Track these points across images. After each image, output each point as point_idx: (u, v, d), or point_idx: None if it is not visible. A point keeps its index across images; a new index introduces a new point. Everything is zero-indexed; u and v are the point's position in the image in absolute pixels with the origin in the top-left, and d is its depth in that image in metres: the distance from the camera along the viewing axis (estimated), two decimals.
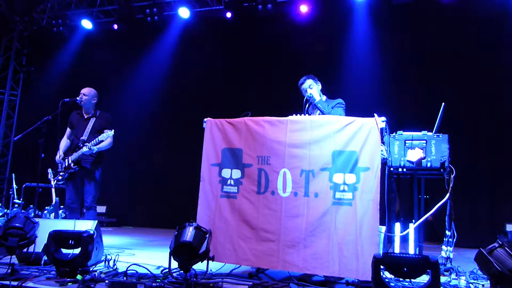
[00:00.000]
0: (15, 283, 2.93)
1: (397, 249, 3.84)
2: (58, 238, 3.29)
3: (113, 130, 4.54)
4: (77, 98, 4.81)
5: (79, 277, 3.04)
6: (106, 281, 2.98)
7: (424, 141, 3.70)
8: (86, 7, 8.98)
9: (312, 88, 4.08)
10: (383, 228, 3.54)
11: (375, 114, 3.25)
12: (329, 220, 3.23)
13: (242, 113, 3.68)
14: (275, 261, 3.29)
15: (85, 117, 4.86)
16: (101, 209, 8.04)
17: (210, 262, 2.97)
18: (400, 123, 3.96)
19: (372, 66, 7.02)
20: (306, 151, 3.37)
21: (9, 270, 3.12)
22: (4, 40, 9.86)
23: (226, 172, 3.61)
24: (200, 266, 3.01)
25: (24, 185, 6.88)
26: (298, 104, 4.02)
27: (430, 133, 3.74)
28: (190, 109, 7.92)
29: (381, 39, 7.17)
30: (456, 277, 3.42)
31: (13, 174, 7.17)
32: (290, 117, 3.54)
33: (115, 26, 8.77)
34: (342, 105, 4.03)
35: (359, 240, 3.13)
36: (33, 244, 3.36)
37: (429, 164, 3.66)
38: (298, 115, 3.63)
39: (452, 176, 3.67)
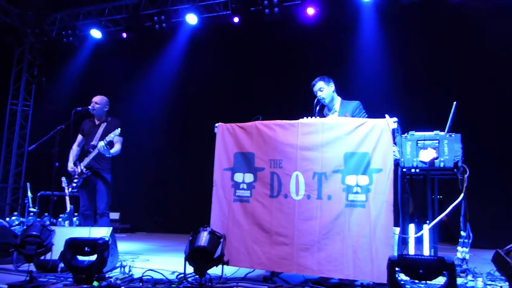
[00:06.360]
0: None
1: (411, 251, 3.80)
2: (74, 246, 3.32)
3: (119, 129, 4.52)
4: (89, 107, 4.87)
5: (95, 283, 3.07)
6: (122, 287, 3.01)
7: (437, 141, 3.66)
8: (95, 17, 9.11)
9: (323, 90, 4.04)
10: (397, 230, 3.51)
11: (387, 115, 3.24)
12: (342, 222, 3.22)
13: (252, 117, 3.70)
14: (289, 264, 3.29)
15: (97, 123, 4.93)
16: (115, 215, 8.08)
17: (225, 266, 2.97)
18: (412, 123, 3.92)
19: (382, 66, 6.97)
20: (318, 154, 3.36)
21: (28, 278, 3.16)
22: (17, 52, 10.04)
23: (238, 176, 3.62)
24: (214, 271, 3.02)
25: (38, 194, 6.97)
26: (308, 107, 4.02)
27: (442, 133, 3.70)
28: (201, 115, 7.95)
29: (391, 39, 7.12)
30: (473, 279, 3.39)
31: (28, 183, 7.26)
32: (301, 120, 3.54)
33: (124, 35, 8.86)
34: (363, 111, 3.99)
35: (373, 242, 3.11)
36: (50, 252, 3.41)
37: (442, 164, 3.62)
38: (309, 117, 3.63)
39: (465, 176, 3.63)
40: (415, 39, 6.99)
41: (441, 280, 2.79)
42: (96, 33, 9.03)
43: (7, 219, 7.03)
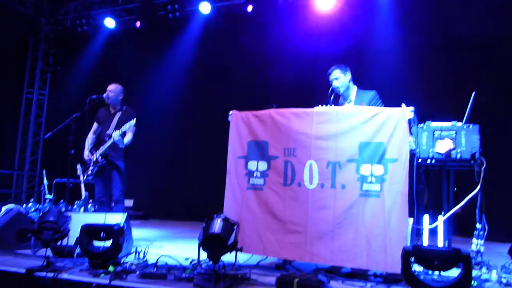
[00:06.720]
0: (51, 274, 3.04)
1: (425, 242, 3.77)
2: (90, 231, 3.38)
3: (134, 119, 4.54)
4: (104, 95, 4.90)
5: (111, 268, 3.11)
6: (137, 272, 3.05)
7: (454, 132, 3.60)
8: (109, 6, 9.12)
9: (339, 79, 3.98)
10: (411, 220, 3.48)
11: (403, 104, 3.20)
12: (356, 212, 3.21)
13: (267, 105, 3.68)
14: (302, 252, 3.30)
15: (112, 112, 4.96)
16: (129, 203, 8.16)
17: (237, 254, 2.99)
18: (429, 113, 3.86)
19: (399, 54, 6.82)
20: (333, 143, 3.35)
21: (45, 262, 3.23)
22: (32, 41, 10.14)
23: (252, 165, 3.63)
24: (228, 258, 3.04)
25: (54, 181, 7.09)
26: (323, 95, 3.98)
27: (459, 124, 3.64)
28: (214, 103, 7.93)
29: (407, 25, 6.97)
30: (487, 271, 3.35)
31: (44, 171, 7.38)
32: (316, 109, 3.51)
33: (138, 24, 8.89)
34: (380, 100, 3.93)
35: (387, 232, 3.10)
36: (66, 237, 3.47)
37: (459, 156, 3.55)
38: (324, 106, 3.60)
39: (482, 168, 3.57)
40: (432, 26, 6.84)
41: (454, 271, 2.77)
42: (109, 22, 9.05)
43: (24, 206, 7.18)
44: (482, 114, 3.87)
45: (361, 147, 3.27)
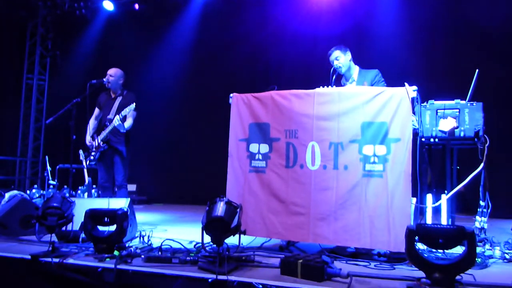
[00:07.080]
0: (56, 259, 3.06)
1: (429, 221, 3.78)
2: (94, 216, 3.39)
3: (134, 104, 4.50)
4: (104, 79, 4.86)
5: (116, 252, 3.14)
6: (142, 256, 3.08)
7: (457, 110, 3.57)
8: None
9: (339, 59, 3.97)
10: (414, 200, 3.48)
11: (406, 84, 3.16)
12: (359, 192, 3.21)
13: (268, 87, 3.65)
14: (306, 234, 3.32)
15: (112, 96, 4.93)
16: (132, 187, 8.18)
17: (241, 236, 3.00)
18: (432, 92, 3.82)
19: (401, 32, 6.72)
20: (335, 124, 3.32)
21: (50, 248, 3.25)
22: (30, 26, 10.01)
23: (254, 147, 3.61)
24: (231, 240, 3.06)
25: (57, 167, 7.10)
26: (325, 76, 3.94)
27: (463, 102, 3.60)
28: (215, 85, 7.88)
29: (408, 4, 6.85)
30: (491, 248, 3.37)
31: (46, 157, 7.39)
32: (317, 90, 3.48)
33: (136, 6, 8.76)
34: (382, 79, 3.90)
35: (390, 212, 3.10)
36: (71, 223, 3.48)
37: (462, 134, 3.54)
38: (325, 87, 3.56)
39: (486, 145, 3.55)
40: (435, 4, 6.71)
41: (458, 249, 2.77)
42: (108, 5, 8.92)
43: (28, 192, 7.23)
44: (485, 92, 3.82)
45: (364, 127, 3.24)
